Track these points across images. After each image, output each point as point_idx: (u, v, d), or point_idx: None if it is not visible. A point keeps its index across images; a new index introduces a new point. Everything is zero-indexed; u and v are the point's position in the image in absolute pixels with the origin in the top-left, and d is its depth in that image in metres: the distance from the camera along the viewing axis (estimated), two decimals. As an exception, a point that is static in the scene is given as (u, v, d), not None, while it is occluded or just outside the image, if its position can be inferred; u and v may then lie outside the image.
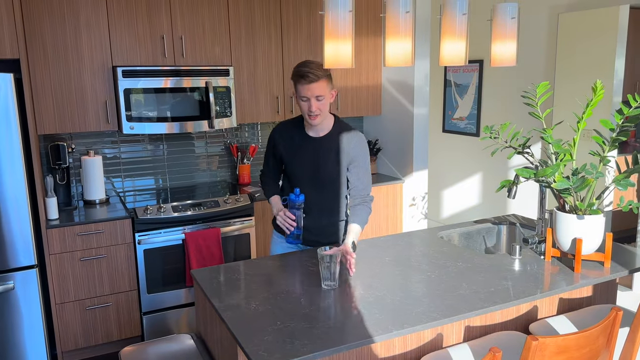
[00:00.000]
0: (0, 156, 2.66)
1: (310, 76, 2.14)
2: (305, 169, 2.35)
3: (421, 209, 4.03)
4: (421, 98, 3.88)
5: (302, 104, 2.22)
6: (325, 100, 2.20)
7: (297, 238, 2.31)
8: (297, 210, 2.28)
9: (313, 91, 2.16)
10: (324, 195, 2.38)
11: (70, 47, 3.11)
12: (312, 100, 2.18)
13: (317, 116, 2.22)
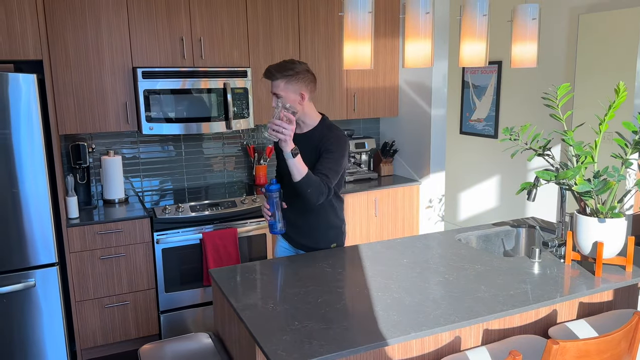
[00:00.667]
0: (23, 156, 2.71)
1: (268, 73, 2.26)
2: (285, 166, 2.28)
3: (438, 211, 4.01)
4: (439, 99, 3.87)
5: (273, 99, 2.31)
6: (283, 100, 2.23)
7: (278, 230, 2.32)
8: (273, 199, 2.29)
9: (272, 88, 2.27)
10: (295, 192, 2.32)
11: (91, 48, 3.16)
12: (273, 97, 2.28)
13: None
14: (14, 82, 2.64)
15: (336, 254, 2.36)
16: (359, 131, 4.42)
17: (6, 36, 2.72)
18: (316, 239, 2.45)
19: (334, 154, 2.28)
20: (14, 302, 2.79)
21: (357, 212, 3.83)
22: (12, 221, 2.73)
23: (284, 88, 2.24)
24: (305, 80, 2.28)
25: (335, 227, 2.47)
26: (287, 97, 2.25)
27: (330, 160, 2.27)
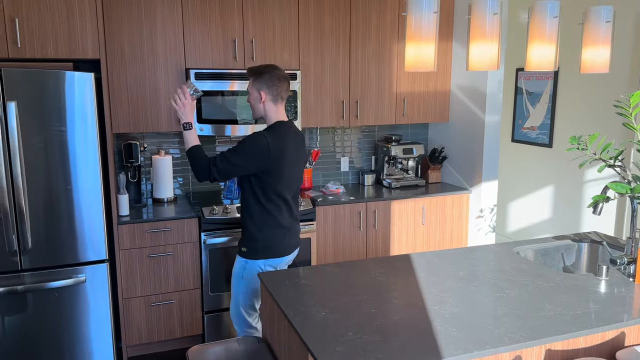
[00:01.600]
0: (77, 153, 2.76)
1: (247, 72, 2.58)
2: None
3: (489, 221, 3.87)
4: (494, 105, 3.73)
5: None
6: (249, 96, 2.57)
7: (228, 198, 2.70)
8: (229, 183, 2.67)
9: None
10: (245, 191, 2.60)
11: (146, 48, 3.20)
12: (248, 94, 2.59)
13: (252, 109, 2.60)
14: (71, 80, 2.69)
15: (387, 262, 2.29)
16: (407, 136, 4.33)
17: (67, 35, 2.78)
18: (241, 235, 2.64)
19: (237, 145, 2.45)
20: (64, 297, 2.84)
21: (403, 220, 3.74)
22: (65, 217, 2.79)
23: (251, 85, 2.54)
24: (267, 82, 2.51)
25: (248, 231, 2.57)
26: (251, 93, 2.55)
27: (231, 149, 2.45)
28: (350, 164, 4.20)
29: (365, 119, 3.82)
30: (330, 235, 3.56)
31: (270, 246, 2.57)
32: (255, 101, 2.54)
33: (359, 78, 3.75)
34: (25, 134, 2.65)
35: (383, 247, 3.72)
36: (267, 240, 2.56)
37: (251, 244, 2.57)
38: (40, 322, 2.82)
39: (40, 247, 2.76)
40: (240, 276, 2.62)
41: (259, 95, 2.51)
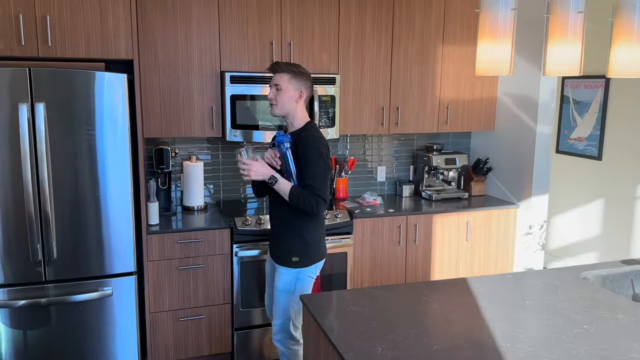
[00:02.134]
0: (107, 158, 2.61)
1: (274, 67, 2.40)
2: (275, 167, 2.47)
3: (538, 238, 3.61)
4: (546, 115, 3.48)
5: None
6: (282, 92, 2.37)
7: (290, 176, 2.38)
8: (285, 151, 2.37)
9: (273, 80, 2.40)
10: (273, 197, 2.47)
11: (180, 50, 3.05)
12: (272, 89, 2.40)
13: (272, 105, 2.41)
14: (101, 81, 2.55)
15: (441, 286, 2.06)
16: (448, 145, 4.09)
17: (99, 34, 2.64)
18: (283, 247, 2.47)
19: (309, 158, 2.34)
20: (89, 311, 2.69)
21: (446, 235, 3.50)
22: (92, 226, 2.64)
23: (287, 81, 2.38)
24: (306, 82, 2.42)
25: (300, 237, 2.45)
26: (287, 91, 2.37)
27: (309, 165, 2.35)
28: (387, 173, 3.98)
29: (406, 127, 3.61)
30: (367, 250, 3.35)
31: (318, 248, 2.51)
32: (290, 99, 2.40)
33: (401, 83, 3.54)
34: (53, 137, 2.51)
35: (423, 265, 3.49)
36: (317, 243, 2.50)
37: (303, 251, 2.46)
38: (63, 336, 2.67)
39: (66, 258, 2.61)
40: (291, 291, 2.48)
41: (298, 94, 2.41)
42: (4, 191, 2.47)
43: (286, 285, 2.47)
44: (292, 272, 2.46)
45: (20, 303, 2.55)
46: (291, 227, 2.45)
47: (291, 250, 2.45)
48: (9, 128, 2.44)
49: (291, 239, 2.45)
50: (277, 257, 2.51)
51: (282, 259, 2.48)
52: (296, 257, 2.45)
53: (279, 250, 2.50)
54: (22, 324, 2.59)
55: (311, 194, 2.33)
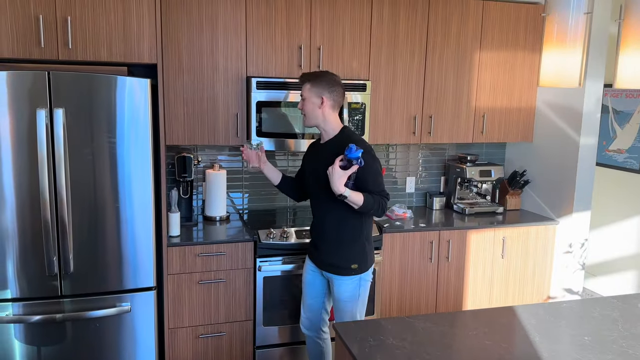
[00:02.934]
0: (127, 167, 2.48)
1: (301, 77, 2.45)
2: (309, 172, 2.54)
3: (578, 257, 3.39)
4: (590, 126, 3.27)
5: None
6: (306, 101, 2.40)
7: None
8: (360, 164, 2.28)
9: (301, 90, 2.44)
10: (322, 201, 2.45)
11: (205, 54, 2.91)
12: (300, 100, 2.44)
13: (303, 115, 2.45)
14: (123, 86, 2.42)
15: (488, 317, 1.88)
16: (482, 156, 3.89)
17: (122, 37, 2.51)
18: (340, 256, 2.44)
19: (372, 168, 2.35)
20: (106, 327, 2.56)
21: (480, 252, 3.31)
22: (111, 238, 2.51)
23: (308, 90, 2.40)
24: (327, 85, 2.39)
25: (360, 245, 2.45)
26: (309, 100, 2.39)
27: (373, 174, 2.37)
28: (416, 184, 3.80)
29: (439, 136, 3.42)
30: (397, 266, 3.17)
31: (372, 251, 2.54)
32: (314, 106, 2.40)
33: (434, 90, 3.36)
34: (72, 144, 2.39)
35: (456, 283, 3.30)
36: (370, 246, 2.52)
37: (362, 257, 2.47)
38: (79, 353, 2.54)
39: (83, 271, 2.48)
40: (356, 297, 2.49)
41: (320, 100, 2.39)
42: (21, 200, 2.36)
43: (350, 293, 2.47)
44: (354, 279, 2.46)
45: (35, 318, 2.42)
46: (346, 234, 2.44)
47: (350, 257, 2.44)
48: (26, 134, 2.32)
49: (349, 246, 2.45)
50: (334, 267, 2.47)
51: (341, 268, 2.45)
52: (355, 264, 2.45)
53: (335, 260, 2.46)
54: (36, 340, 2.47)
55: (382, 198, 2.37)
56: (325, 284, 2.61)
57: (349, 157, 2.24)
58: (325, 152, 2.42)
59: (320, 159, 2.43)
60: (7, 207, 2.35)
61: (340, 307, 2.50)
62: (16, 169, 2.33)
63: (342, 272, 2.44)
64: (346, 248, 2.44)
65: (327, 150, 2.42)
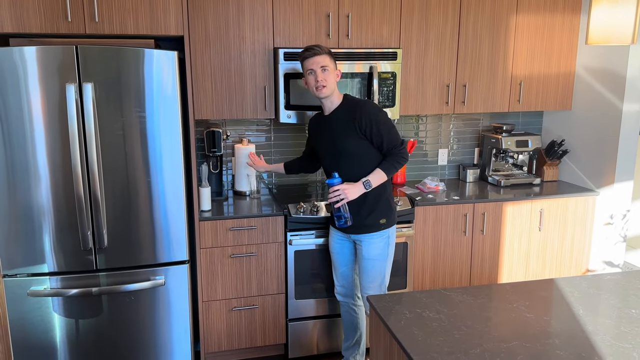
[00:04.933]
0: (157, 142, 2.47)
1: (314, 49, 2.41)
2: (324, 145, 2.55)
3: (620, 229, 3.26)
4: (634, 91, 3.09)
5: (309, 78, 2.44)
6: (329, 72, 2.41)
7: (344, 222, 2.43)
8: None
9: (318, 62, 2.40)
10: (348, 171, 2.45)
11: (232, 25, 2.85)
12: (317, 72, 2.40)
13: (324, 87, 2.41)
14: (150, 59, 2.39)
15: (529, 289, 1.81)
16: (518, 126, 3.76)
17: (148, 9, 2.48)
18: (368, 214, 2.48)
19: (382, 121, 2.42)
20: (141, 300, 2.59)
21: (517, 224, 3.21)
22: (144, 212, 2.52)
23: (330, 61, 2.43)
24: None
25: (384, 199, 2.52)
26: (332, 70, 2.43)
27: (386, 128, 2.42)
28: (448, 156, 3.70)
29: (474, 106, 3.31)
30: (429, 240, 3.11)
31: (394, 203, 2.62)
32: (335, 78, 2.47)
33: (469, 58, 3.23)
34: (102, 119, 2.39)
35: (491, 256, 3.22)
36: (392, 198, 2.60)
37: (388, 211, 2.54)
38: (115, 325, 2.59)
39: (117, 246, 2.51)
40: (386, 254, 2.56)
41: (337, 72, 2.49)
42: (54, 176, 2.38)
43: (381, 250, 2.53)
44: (383, 234, 2.52)
45: (72, 292, 2.47)
46: (371, 194, 2.46)
47: (377, 214, 2.49)
48: (57, 110, 2.33)
49: (375, 204, 2.49)
50: (364, 227, 2.50)
51: (369, 226, 2.50)
52: (383, 218, 2.51)
53: (364, 220, 2.49)
54: (74, 313, 2.52)
55: (398, 153, 2.44)
56: (353, 249, 2.65)
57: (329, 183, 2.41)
58: (334, 122, 2.48)
59: (333, 128, 2.48)
60: (42, 183, 2.38)
61: (370, 267, 2.54)
62: (49, 145, 2.35)
63: (372, 229, 2.50)
64: (373, 206, 2.49)
65: (336, 119, 2.48)
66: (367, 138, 2.42)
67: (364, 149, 2.43)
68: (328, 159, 2.55)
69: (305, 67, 2.44)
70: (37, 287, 2.46)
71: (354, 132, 2.41)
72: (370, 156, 2.46)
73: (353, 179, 2.43)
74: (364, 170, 2.44)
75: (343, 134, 2.44)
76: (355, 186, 2.40)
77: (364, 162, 2.45)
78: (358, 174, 2.44)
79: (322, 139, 2.56)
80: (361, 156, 2.45)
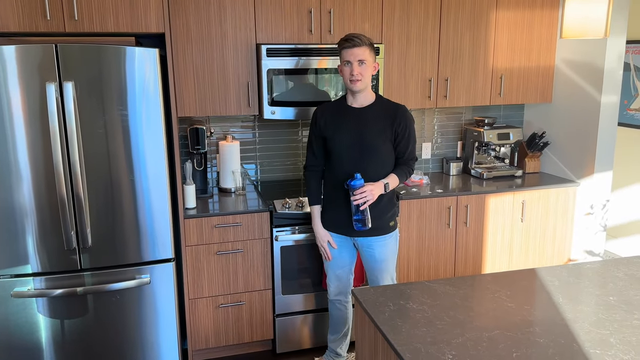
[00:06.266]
0: (140, 139, 2.46)
1: (354, 40, 2.30)
2: (348, 137, 2.43)
3: (600, 219, 3.32)
4: (612, 84, 3.15)
5: (345, 69, 2.36)
6: (367, 66, 2.34)
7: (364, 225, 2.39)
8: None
9: (356, 55, 2.31)
10: (368, 165, 2.42)
11: (213, 22, 2.85)
12: (354, 64, 2.32)
13: (358, 81, 2.34)
14: (132, 57, 2.38)
15: (510, 279, 1.85)
16: (499, 119, 3.80)
17: (128, 6, 2.46)
18: (382, 217, 2.48)
19: (414, 132, 2.46)
20: (126, 299, 2.58)
21: (499, 216, 3.26)
22: (128, 211, 2.51)
23: (368, 54, 2.34)
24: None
25: (393, 204, 2.55)
26: (370, 63, 2.35)
27: (414, 139, 2.48)
28: (432, 150, 3.73)
29: (456, 100, 3.34)
30: (414, 233, 3.14)
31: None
32: (372, 71, 2.40)
33: (450, 52, 3.26)
34: (84, 118, 2.37)
35: (475, 248, 3.27)
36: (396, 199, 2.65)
37: (394, 213, 2.57)
38: (101, 325, 2.58)
39: (101, 245, 2.50)
40: (395, 252, 2.59)
41: (374, 66, 2.42)
42: (37, 176, 2.36)
43: (391, 250, 2.56)
44: (393, 235, 2.55)
45: (56, 292, 2.46)
46: (387, 196, 2.48)
47: (390, 216, 2.52)
48: (38, 109, 2.30)
49: (388, 206, 2.51)
50: (376, 230, 2.48)
51: (381, 229, 2.50)
52: (392, 221, 2.54)
53: (379, 223, 2.47)
54: (59, 313, 2.51)
55: (411, 165, 2.50)
56: (354, 252, 2.64)
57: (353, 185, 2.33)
58: (369, 117, 2.43)
59: (366, 122, 2.42)
60: (24, 184, 2.36)
61: (383, 267, 2.56)
62: (30, 145, 2.33)
63: (383, 232, 2.50)
64: (388, 209, 2.52)
65: (371, 115, 2.43)
66: (396, 142, 2.44)
67: (386, 149, 2.43)
68: (344, 153, 2.43)
69: (343, 57, 2.36)
70: (21, 288, 2.44)
71: (389, 132, 2.41)
72: (391, 159, 2.47)
73: (373, 179, 2.41)
74: (385, 170, 2.44)
75: (377, 131, 2.40)
76: (377, 186, 2.37)
77: (380, 162, 2.43)
78: (379, 174, 2.43)
79: (344, 131, 2.43)
80: (381, 156, 2.43)
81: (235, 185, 3.16)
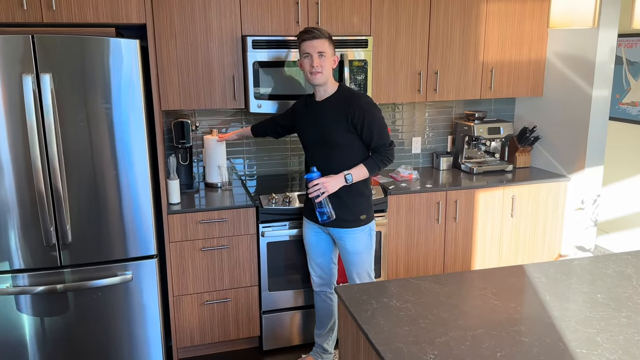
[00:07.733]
0: (124, 133, 2.40)
1: (314, 32, 2.31)
2: (310, 132, 2.47)
3: (591, 214, 3.29)
4: (603, 77, 3.12)
5: (305, 61, 2.35)
6: (326, 57, 2.33)
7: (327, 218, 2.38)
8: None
9: (315, 47, 2.31)
10: (334, 158, 2.41)
11: (197, 13, 2.78)
12: (314, 57, 2.31)
13: (318, 73, 2.33)
14: (112, 48, 2.32)
15: (496, 276, 1.81)
16: (490, 113, 3.76)
17: (108, -3, 2.39)
18: (349, 210, 2.45)
19: (376, 118, 2.36)
20: (109, 296, 2.53)
21: (489, 211, 3.22)
22: (109, 207, 2.45)
23: (329, 47, 2.35)
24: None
25: (366, 197, 2.50)
26: (329, 56, 2.35)
27: (378, 126, 2.37)
28: (422, 145, 3.69)
29: (446, 93, 3.29)
30: (403, 229, 3.10)
31: (372, 198, 2.62)
32: (332, 64, 2.39)
33: (440, 45, 3.21)
34: (62, 111, 2.30)
35: (464, 244, 3.23)
36: (371, 194, 2.58)
37: (366, 206, 2.52)
38: (83, 322, 2.53)
39: (81, 241, 2.44)
40: (369, 247, 2.55)
41: (334, 59, 2.41)
42: (15, 171, 2.30)
43: (363, 244, 2.52)
44: (365, 229, 2.50)
45: (36, 289, 2.40)
46: (354, 189, 2.44)
47: (358, 209, 2.47)
48: (15, 102, 2.24)
49: (356, 199, 2.46)
50: (345, 222, 2.47)
51: (351, 222, 2.47)
52: (364, 214, 2.49)
53: (345, 215, 2.45)
54: (40, 311, 2.45)
55: (384, 153, 2.39)
56: (330, 240, 2.63)
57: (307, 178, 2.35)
58: (326, 110, 2.42)
59: (323, 116, 2.41)
60: (2, 179, 2.29)
61: (356, 260, 2.53)
62: (9, 139, 2.26)
63: (353, 224, 2.47)
64: (354, 202, 2.46)
65: (328, 108, 2.42)
66: (357, 132, 2.37)
67: (350, 142, 2.38)
68: (311, 148, 2.49)
69: (302, 50, 2.35)
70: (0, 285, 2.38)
71: (345, 124, 2.36)
72: (355, 150, 2.41)
73: (335, 171, 2.38)
74: (347, 163, 2.39)
75: (333, 124, 2.38)
76: (335, 179, 2.35)
77: (349, 156, 2.40)
78: (341, 167, 2.39)
79: (308, 125, 2.48)
80: (347, 149, 2.39)
81: (222, 180, 3.10)
